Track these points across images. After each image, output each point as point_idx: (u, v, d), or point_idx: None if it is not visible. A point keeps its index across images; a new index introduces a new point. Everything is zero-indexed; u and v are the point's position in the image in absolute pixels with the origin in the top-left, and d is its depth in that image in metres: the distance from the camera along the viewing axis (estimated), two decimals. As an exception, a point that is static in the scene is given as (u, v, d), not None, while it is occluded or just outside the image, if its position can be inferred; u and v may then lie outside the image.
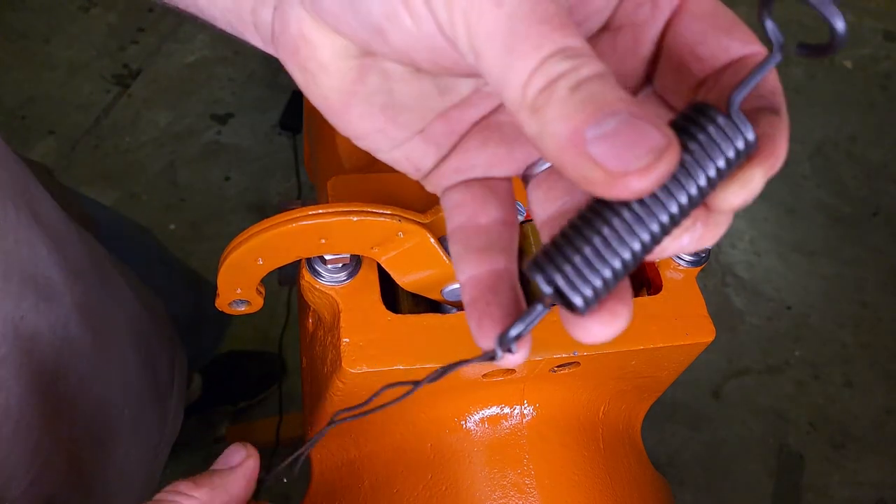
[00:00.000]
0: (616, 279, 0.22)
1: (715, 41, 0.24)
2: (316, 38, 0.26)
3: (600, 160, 0.19)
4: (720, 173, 0.21)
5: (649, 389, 0.61)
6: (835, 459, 1.56)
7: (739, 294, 1.73)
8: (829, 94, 2.09)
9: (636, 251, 0.21)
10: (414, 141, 0.29)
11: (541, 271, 0.22)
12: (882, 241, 1.85)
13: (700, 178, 0.21)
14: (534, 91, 0.20)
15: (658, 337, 0.53)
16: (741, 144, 0.21)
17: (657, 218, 0.21)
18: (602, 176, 0.19)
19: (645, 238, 0.21)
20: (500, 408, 0.56)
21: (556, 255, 0.22)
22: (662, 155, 0.19)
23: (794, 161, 1.96)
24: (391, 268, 0.51)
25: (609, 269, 0.21)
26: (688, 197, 0.21)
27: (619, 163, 0.19)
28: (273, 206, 1.72)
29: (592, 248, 0.21)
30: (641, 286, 0.59)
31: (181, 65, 1.96)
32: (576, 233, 0.22)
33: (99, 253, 0.65)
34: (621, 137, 0.19)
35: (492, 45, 0.21)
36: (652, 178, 0.19)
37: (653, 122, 0.19)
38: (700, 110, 0.22)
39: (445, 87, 0.28)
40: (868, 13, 2.26)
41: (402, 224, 0.48)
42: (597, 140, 0.19)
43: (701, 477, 1.52)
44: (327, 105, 0.28)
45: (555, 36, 0.20)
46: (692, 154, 0.21)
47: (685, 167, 0.21)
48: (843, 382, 1.66)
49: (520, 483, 0.55)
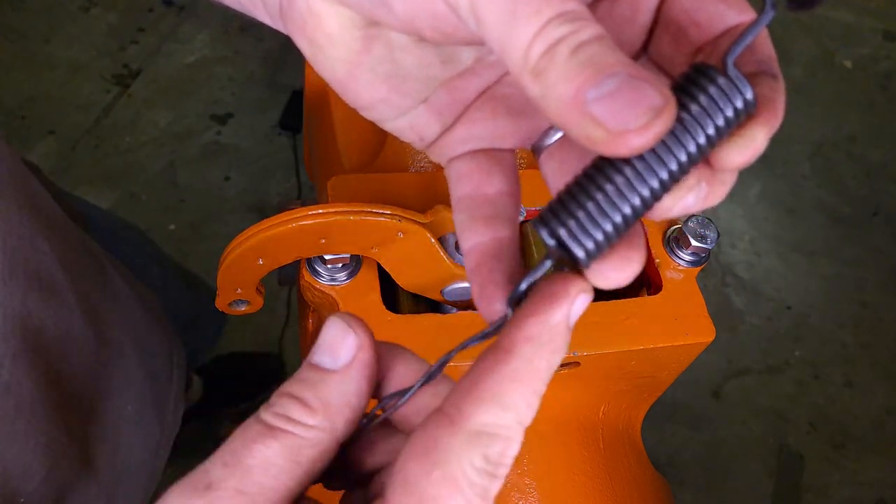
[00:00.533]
0: (618, 233, 0.22)
1: (712, 7, 0.25)
2: (322, 10, 0.27)
3: (601, 119, 0.20)
4: (719, 131, 0.22)
5: (649, 389, 0.61)
6: (835, 459, 1.56)
7: (739, 294, 1.73)
8: (828, 93, 2.09)
9: (636, 206, 0.22)
10: (418, 110, 0.29)
11: (545, 225, 0.23)
12: (882, 240, 1.85)
13: (699, 136, 0.22)
14: (535, 55, 0.21)
15: (658, 337, 0.53)
16: (740, 103, 0.22)
17: (657, 174, 0.22)
18: (603, 134, 0.20)
19: (645, 193, 0.22)
20: (500, 408, 0.56)
21: (560, 211, 0.23)
22: (660, 113, 0.20)
23: (794, 161, 1.96)
24: (391, 268, 0.51)
25: (610, 222, 0.22)
26: (687, 154, 0.22)
27: (618, 121, 0.20)
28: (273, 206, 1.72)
29: (594, 202, 0.22)
30: (641, 286, 0.59)
31: (181, 65, 1.96)
32: (579, 189, 0.23)
33: (96, 250, 0.65)
34: (620, 97, 0.20)
35: (493, 11, 0.22)
36: (650, 135, 0.20)
37: (650, 81, 0.20)
38: (701, 71, 0.22)
39: (448, 57, 0.29)
40: (868, 13, 2.26)
41: (402, 224, 0.48)
42: (597, 100, 0.20)
43: (701, 477, 1.52)
44: (334, 76, 0.29)
45: (554, 1, 0.21)
46: (691, 113, 0.22)
47: (685, 125, 0.22)
48: (844, 382, 1.66)
49: (519, 483, 0.55)
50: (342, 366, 0.25)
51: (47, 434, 0.49)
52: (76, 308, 0.54)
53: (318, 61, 0.28)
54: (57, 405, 0.51)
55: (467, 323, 0.51)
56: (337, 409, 0.25)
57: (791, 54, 2.15)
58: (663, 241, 0.57)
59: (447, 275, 0.52)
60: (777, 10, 0.22)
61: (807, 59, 2.15)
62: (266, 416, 0.24)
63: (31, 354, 0.48)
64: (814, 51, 2.17)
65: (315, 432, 0.24)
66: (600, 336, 0.52)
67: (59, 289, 0.52)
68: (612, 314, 0.53)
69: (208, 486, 0.23)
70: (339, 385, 0.25)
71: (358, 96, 0.29)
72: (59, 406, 0.51)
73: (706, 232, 0.56)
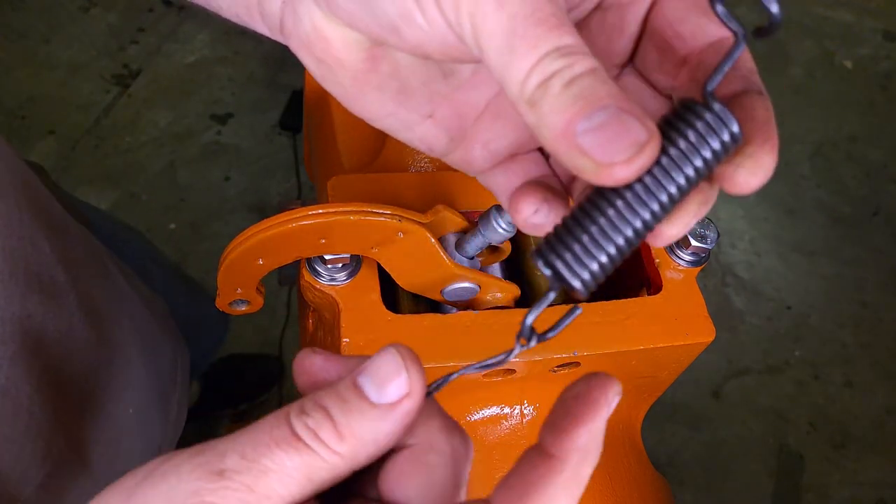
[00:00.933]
0: (612, 262, 0.24)
1: (695, 20, 0.26)
2: (329, 31, 0.28)
3: (589, 151, 0.22)
4: (707, 164, 0.23)
5: (649, 389, 0.61)
6: (835, 459, 1.56)
7: (739, 294, 1.73)
8: (828, 94, 2.09)
9: (629, 237, 0.23)
10: (425, 124, 0.31)
11: (541, 257, 0.24)
12: (882, 240, 1.85)
13: (688, 170, 0.23)
14: (531, 87, 0.22)
15: (658, 337, 0.53)
16: (726, 137, 0.23)
17: (648, 206, 0.23)
18: (591, 165, 0.22)
19: (637, 224, 0.23)
20: (500, 408, 0.56)
21: (556, 243, 0.24)
22: (643, 148, 0.21)
23: (793, 161, 1.96)
24: (391, 268, 0.51)
25: (604, 254, 0.23)
26: (677, 187, 0.23)
27: (605, 154, 0.21)
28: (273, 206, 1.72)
29: (589, 235, 0.23)
30: (641, 286, 0.59)
31: (181, 65, 1.96)
32: (574, 222, 0.24)
33: (99, 251, 0.65)
34: (608, 130, 0.21)
35: (494, 43, 0.23)
36: (633, 167, 0.22)
37: (637, 116, 0.22)
38: (688, 107, 0.23)
39: (450, 71, 0.30)
40: (868, 13, 2.26)
41: (402, 224, 0.48)
42: (586, 132, 0.22)
43: (701, 477, 1.52)
44: (343, 92, 0.30)
45: (551, 36, 0.22)
46: (680, 148, 0.23)
47: (674, 160, 0.23)
48: (844, 382, 1.66)
49: (520, 483, 0.55)
50: (385, 403, 0.25)
51: (45, 437, 0.49)
52: (77, 310, 0.54)
53: (326, 79, 0.30)
54: (56, 408, 0.50)
55: (467, 323, 0.51)
56: (364, 444, 0.24)
57: (791, 54, 2.15)
58: (663, 241, 0.56)
59: (447, 275, 0.52)
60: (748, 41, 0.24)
61: (807, 59, 2.15)
62: (296, 424, 0.24)
63: (30, 357, 0.48)
64: (814, 51, 2.17)
65: (337, 459, 0.24)
66: (600, 336, 0.52)
67: (59, 290, 0.52)
68: (612, 314, 0.53)
69: (221, 472, 0.23)
70: (375, 423, 0.24)
71: (366, 111, 0.30)
72: (59, 409, 0.51)
73: (706, 232, 0.56)
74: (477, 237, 0.52)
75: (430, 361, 0.50)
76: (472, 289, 0.53)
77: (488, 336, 0.51)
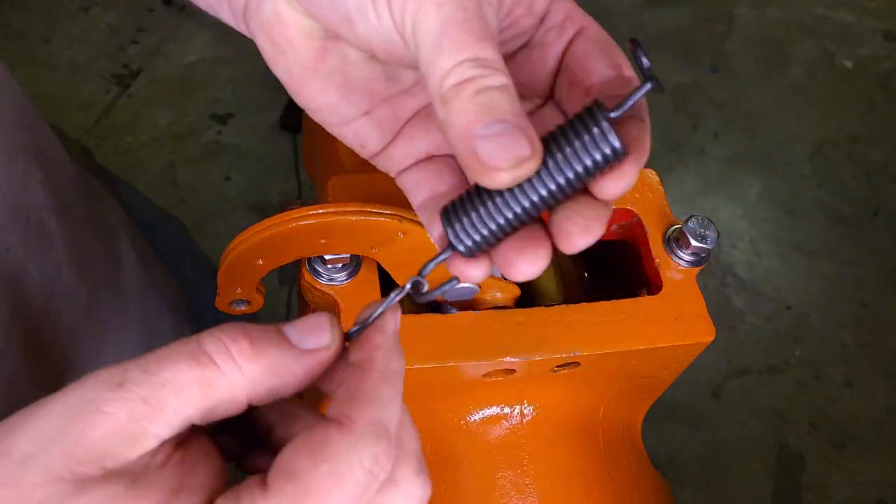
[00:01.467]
0: (495, 237, 0.28)
1: (602, 59, 0.31)
2: (288, 17, 0.30)
3: (480, 154, 0.25)
4: (588, 170, 0.27)
5: (649, 390, 0.61)
6: (835, 459, 1.56)
7: (739, 294, 1.73)
8: (829, 94, 2.09)
9: (510, 219, 0.28)
10: (361, 120, 0.33)
11: (445, 219, 0.29)
12: (882, 240, 1.85)
13: (569, 172, 0.27)
14: (448, 85, 0.26)
15: (658, 337, 0.53)
16: (608, 150, 0.27)
17: (529, 197, 0.27)
18: (479, 167, 0.26)
19: (517, 210, 0.28)
20: (500, 408, 0.56)
21: (454, 213, 0.29)
22: (525, 162, 0.25)
23: (794, 161, 1.96)
24: (391, 268, 0.51)
25: (487, 229, 0.28)
26: (557, 185, 0.27)
27: (492, 159, 0.25)
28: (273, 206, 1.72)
29: (477, 213, 0.28)
30: (641, 286, 0.59)
31: (181, 65, 1.96)
32: (469, 199, 0.29)
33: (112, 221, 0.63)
34: (500, 141, 0.25)
35: (427, 41, 0.26)
36: (512, 176, 0.26)
37: (528, 135, 0.25)
38: (581, 119, 0.27)
39: (392, 75, 0.33)
40: (868, 13, 2.26)
41: (402, 224, 0.48)
42: (483, 138, 0.25)
43: (701, 477, 1.52)
44: (290, 78, 0.32)
45: (475, 46, 0.26)
46: (565, 154, 0.27)
47: (558, 163, 0.27)
48: (844, 382, 1.65)
49: (519, 483, 0.55)
50: (300, 349, 0.27)
51: (13, 383, 0.46)
52: (67, 261, 0.52)
53: (277, 62, 0.32)
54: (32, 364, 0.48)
55: (468, 323, 0.51)
56: (269, 374, 0.26)
57: (791, 55, 2.15)
58: (663, 241, 0.57)
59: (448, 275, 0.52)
60: (655, 86, 0.27)
61: (807, 59, 2.15)
62: (207, 341, 0.25)
63: (8, 291, 0.45)
64: (814, 51, 2.16)
65: (238, 377, 0.25)
66: (600, 336, 0.52)
67: (48, 235, 0.50)
68: (611, 314, 0.53)
69: (121, 384, 0.24)
70: (286, 358, 0.26)
71: (308, 99, 0.33)
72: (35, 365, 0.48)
73: (706, 232, 0.56)
74: (477, 237, 0.52)
75: (430, 361, 0.50)
76: (472, 289, 0.53)
77: (489, 336, 0.51)
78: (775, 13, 2.21)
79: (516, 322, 0.52)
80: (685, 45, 2.11)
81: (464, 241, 0.29)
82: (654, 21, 2.15)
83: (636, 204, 0.57)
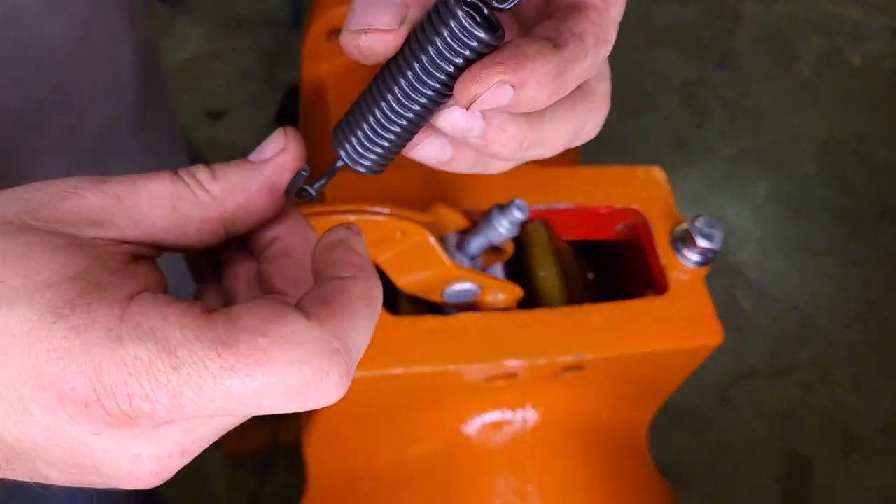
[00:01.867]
0: (393, 145, 0.28)
1: None
2: None
3: (349, 19, 0.26)
4: (459, 60, 0.26)
5: (655, 394, 0.60)
6: (843, 463, 1.55)
7: (746, 295, 1.72)
8: (835, 91, 2.08)
9: (405, 126, 0.27)
10: None
11: (336, 138, 0.29)
12: (889, 240, 1.83)
13: (444, 63, 0.26)
14: None
15: (664, 340, 0.51)
16: (475, 43, 0.25)
17: (416, 101, 0.27)
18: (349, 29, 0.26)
19: (409, 116, 0.27)
20: (502, 412, 0.55)
21: (347, 128, 0.28)
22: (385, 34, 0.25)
23: (800, 160, 1.95)
24: (390, 269, 0.50)
25: (385, 140, 0.28)
26: (439, 82, 0.26)
27: (358, 23, 0.25)
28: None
29: (368, 125, 0.28)
30: (647, 287, 0.57)
31: (176, 60, 1.95)
32: (358, 111, 0.28)
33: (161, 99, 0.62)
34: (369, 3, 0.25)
35: None
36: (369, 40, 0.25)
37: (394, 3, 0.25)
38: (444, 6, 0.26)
39: None
40: (877, 10, 2.24)
41: (400, 223, 0.47)
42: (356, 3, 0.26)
43: (707, 481, 1.51)
44: None
45: None
46: (436, 45, 0.26)
47: (428, 64, 0.26)
48: (851, 384, 1.64)
49: (521, 489, 0.54)
50: (260, 160, 0.29)
51: None
52: (72, 30, 0.47)
53: None
54: None
55: (468, 325, 0.50)
56: (233, 188, 0.28)
57: (798, 51, 2.13)
58: (670, 241, 0.55)
59: (447, 275, 0.51)
60: None
61: (815, 56, 2.13)
62: (180, 171, 0.28)
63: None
64: (822, 48, 2.15)
65: (204, 194, 0.27)
66: (604, 339, 0.51)
67: None
68: (616, 316, 0.52)
69: (103, 181, 0.26)
70: (247, 171, 0.28)
71: None
72: None
73: (713, 231, 0.55)
74: (478, 237, 0.51)
75: (430, 363, 0.49)
76: (474, 290, 0.52)
77: (490, 339, 0.50)
78: (782, 9, 2.20)
79: (519, 324, 0.51)
80: (691, 41, 2.10)
81: (363, 156, 0.29)
82: (659, 16, 2.13)
83: (641, 202, 0.56)
